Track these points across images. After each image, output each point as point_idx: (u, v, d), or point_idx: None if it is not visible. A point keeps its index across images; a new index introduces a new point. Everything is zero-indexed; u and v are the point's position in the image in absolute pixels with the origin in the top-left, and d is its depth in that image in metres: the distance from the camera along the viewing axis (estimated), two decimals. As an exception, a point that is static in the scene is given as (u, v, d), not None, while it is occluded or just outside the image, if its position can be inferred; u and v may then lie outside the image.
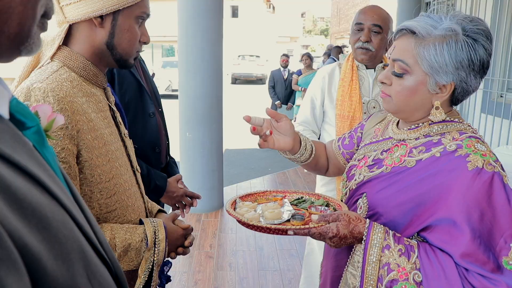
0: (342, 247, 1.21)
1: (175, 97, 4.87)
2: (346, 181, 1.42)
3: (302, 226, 1.13)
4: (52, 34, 1.22)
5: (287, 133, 1.42)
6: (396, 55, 1.21)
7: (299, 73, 8.37)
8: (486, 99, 5.44)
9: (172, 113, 5.15)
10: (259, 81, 23.59)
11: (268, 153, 8.40)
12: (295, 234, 1.13)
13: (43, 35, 1.23)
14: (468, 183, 1.08)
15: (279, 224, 1.19)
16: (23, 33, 0.51)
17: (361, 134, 1.54)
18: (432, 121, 1.23)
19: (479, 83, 1.20)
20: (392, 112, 1.28)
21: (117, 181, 1.24)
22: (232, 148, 8.60)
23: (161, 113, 2.17)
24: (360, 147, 1.47)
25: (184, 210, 1.98)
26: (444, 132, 1.21)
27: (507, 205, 1.06)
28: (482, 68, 1.16)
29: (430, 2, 7.09)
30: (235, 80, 23.58)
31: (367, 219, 1.17)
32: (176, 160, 2.33)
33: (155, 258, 1.26)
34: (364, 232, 1.14)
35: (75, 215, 0.51)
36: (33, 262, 0.40)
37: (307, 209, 1.31)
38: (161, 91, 14.36)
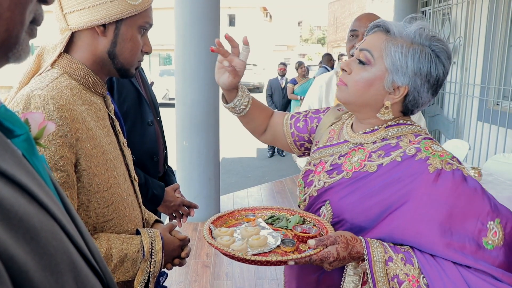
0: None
1: (172, 105, 4.87)
2: (304, 187, 1.40)
3: (303, 255, 1.09)
4: (54, 41, 1.22)
5: (228, 84, 1.43)
6: (365, 45, 1.26)
7: (294, 81, 8.39)
8: (482, 107, 5.46)
9: (169, 122, 5.15)
10: (256, 89, 23.60)
11: (265, 162, 8.40)
12: (296, 264, 1.10)
13: (45, 43, 1.23)
14: (431, 185, 1.12)
15: (269, 252, 1.14)
16: (11, 39, 0.50)
17: (316, 127, 1.53)
18: (387, 124, 1.28)
19: (429, 100, 1.26)
20: (344, 102, 1.30)
21: (115, 190, 1.22)
22: (229, 156, 8.60)
23: (160, 122, 2.17)
24: (314, 150, 1.46)
25: (181, 219, 1.97)
26: (400, 135, 1.26)
27: (474, 192, 1.12)
28: (436, 84, 1.23)
29: (426, 10, 7.14)
30: (232, 89, 23.55)
31: (361, 238, 1.15)
32: (173, 169, 2.32)
33: (151, 269, 1.24)
34: (364, 251, 1.12)
35: (65, 225, 0.50)
36: (20, 274, 0.38)
37: (286, 228, 1.27)
38: (158, 99, 14.28)
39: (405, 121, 1.29)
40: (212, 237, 1.19)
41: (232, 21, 33.73)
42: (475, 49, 5.69)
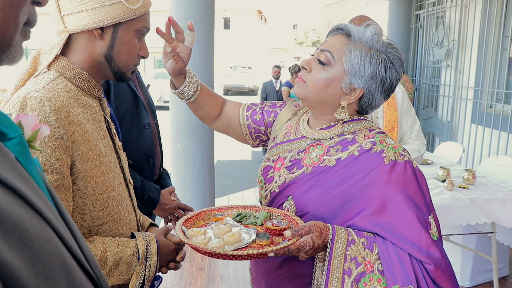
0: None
1: (167, 108, 4.85)
2: (264, 183, 1.43)
3: (282, 246, 1.12)
4: (50, 43, 1.22)
5: (172, 70, 1.45)
6: (326, 46, 1.31)
7: (289, 84, 8.38)
8: (476, 109, 5.49)
9: (164, 125, 5.14)
10: (251, 92, 23.62)
11: (260, 164, 8.38)
12: (275, 255, 1.13)
13: (41, 44, 1.22)
14: (387, 175, 1.21)
15: (246, 247, 1.16)
16: (4, 41, 0.49)
17: (273, 121, 1.56)
18: (343, 120, 1.34)
19: (381, 102, 1.35)
20: (301, 98, 1.35)
21: (110, 193, 1.22)
22: (224, 159, 8.59)
23: (157, 125, 2.17)
24: (271, 146, 1.49)
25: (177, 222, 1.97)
26: (356, 130, 1.33)
27: (420, 187, 1.23)
28: (389, 88, 1.31)
29: (420, 13, 7.17)
30: (227, 92, 23.59)
31: (329, 225, 1.21)
32: (168, 172, 2.31)
33: (146, 273, 1.24)
34: (330, 234, 1.18)
35: (59, 229, 0.49)
36: (13, 281, 0.38)
37: (255, 225, 1.29)
38: (153, 102, 14.31)
39: (359, 117, 1.36)
40: (187, 238, 1.20)
41: (227, 24, 33.76)
42: (468, 52, 5.72)
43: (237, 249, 1.13)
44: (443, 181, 3.17)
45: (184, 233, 1.21)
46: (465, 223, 2.91)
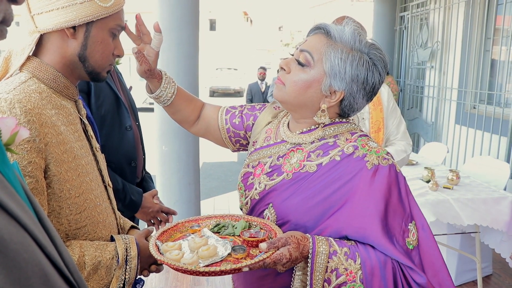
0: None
1: (152, 110, 4.83)
2: (244, 190, 1.39)
3: (257, 260, 1.07)
4: (22, 43, 1.18)
5: (140, 72, 1.42)
6: (305, 46, 1.25)
7: None
8: (460, 110, 5.54)
9: (149, 127, 5.10)
10: (237, 94, 23.62)
11: (246, 165, 8.37)
12: (250, 269, 1.07)
13: (12, 45, 1.19)
14: (370, 180, 1.17)
15: (221, 261, 1.11)
16: None
17: (252, 125, 1.51)
18: (324, 124, 1.28)
19: (364, 105, 1.29)
20: (280, 100, 1.30)
21: (87, 196, 1.19)
22: (209, 161, 8.56)
23: (139, 127, 2.13)
24: (251, 151, 1.44)
25: (160, 226, 1.94)
26: (337, 134, 1.28)
27: (401, 194, 1.20)
28: (371, 91, 1.25)
29: (404, 15, 7.23)
30: (213, 93, 23.56)
31: (309, 235, 1.16)
32: (152, 174, 2.28)
33: (126, 276, 1.21)
34: (310, 246, 1.13)
35: (37, 236, 0.47)
36: None
37: (233, 235, 1.25)
38: (138, 104, 14.14)
39: (340, 120, 1.31)
40: (160, 253, 1.13)
41: (212, 26, 33.74)
42: (452, 54, 5.78)
43: (211, 265, 1.09)
44: (428, 181, 3.19)
45: (158, 248, 1.16)
46: (450, 222, 2.92)
